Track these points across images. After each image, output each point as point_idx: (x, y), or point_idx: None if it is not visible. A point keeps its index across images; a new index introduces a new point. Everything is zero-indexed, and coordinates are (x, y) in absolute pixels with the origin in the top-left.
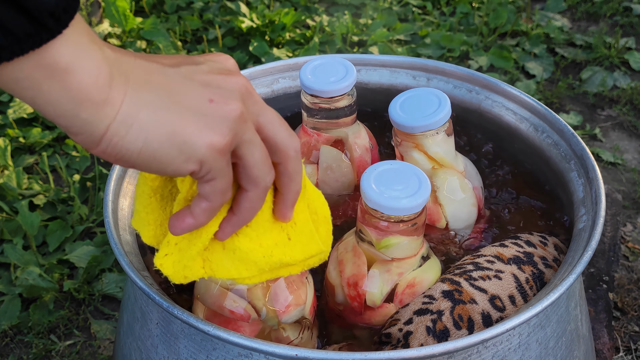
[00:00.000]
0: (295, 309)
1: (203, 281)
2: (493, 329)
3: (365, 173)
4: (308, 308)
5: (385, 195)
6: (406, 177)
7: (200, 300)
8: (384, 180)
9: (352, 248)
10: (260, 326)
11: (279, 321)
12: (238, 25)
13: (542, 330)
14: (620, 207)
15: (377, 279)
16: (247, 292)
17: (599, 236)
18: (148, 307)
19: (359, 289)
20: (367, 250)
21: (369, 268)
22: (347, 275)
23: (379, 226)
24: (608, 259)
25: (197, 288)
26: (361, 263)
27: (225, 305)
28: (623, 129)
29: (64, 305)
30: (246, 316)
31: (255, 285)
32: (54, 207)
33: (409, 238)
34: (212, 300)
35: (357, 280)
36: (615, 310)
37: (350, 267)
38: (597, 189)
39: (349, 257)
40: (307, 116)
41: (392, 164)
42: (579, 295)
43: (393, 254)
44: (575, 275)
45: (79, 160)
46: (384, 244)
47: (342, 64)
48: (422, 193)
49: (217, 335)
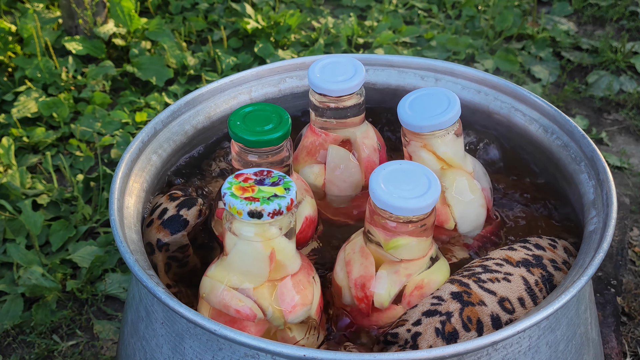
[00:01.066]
0: (302, 308)
1: (208, 280)
2: (503, 331)
3: (374, 173)
4: (315, 308)
5: (394, 195)
6: (415, 177)
7: (206, 299)
8: (393, 180)
9: (360, 249)
10: (267, 326)
11: (285, 321)
12: (243, 27)
13: (552, 333)
14: (627, 211)
15: (385, 280)
16: (253, 292)
17: (610, 238)
18: (153, 306)
19: (366, 290)
20: (375, 251)
21: (377, 269)
22: (355, 277)
23: (388, 227)
24: (616, 262)
25: (203, 287)
26: (369, 264)
27: (231, 304)
28: (630, 133)
29: (67, 305)
30: (252, 316)
31: (261, 284)
32: (58, 207)
33: (418, 239)
34: (218, 299)
35: (365, 282)
36: (622, 315)
37: (358, 268)
38: (608, 191)
39: (357, 258)
40: (315, 115)
41: (402, 164)
42: (588, 298)
43: (401, 255)
44: (587, 278)
45: (82, 160)
46: (393, 244)
47: (351, 63)
48: (432, 193)
49: (224, 335)
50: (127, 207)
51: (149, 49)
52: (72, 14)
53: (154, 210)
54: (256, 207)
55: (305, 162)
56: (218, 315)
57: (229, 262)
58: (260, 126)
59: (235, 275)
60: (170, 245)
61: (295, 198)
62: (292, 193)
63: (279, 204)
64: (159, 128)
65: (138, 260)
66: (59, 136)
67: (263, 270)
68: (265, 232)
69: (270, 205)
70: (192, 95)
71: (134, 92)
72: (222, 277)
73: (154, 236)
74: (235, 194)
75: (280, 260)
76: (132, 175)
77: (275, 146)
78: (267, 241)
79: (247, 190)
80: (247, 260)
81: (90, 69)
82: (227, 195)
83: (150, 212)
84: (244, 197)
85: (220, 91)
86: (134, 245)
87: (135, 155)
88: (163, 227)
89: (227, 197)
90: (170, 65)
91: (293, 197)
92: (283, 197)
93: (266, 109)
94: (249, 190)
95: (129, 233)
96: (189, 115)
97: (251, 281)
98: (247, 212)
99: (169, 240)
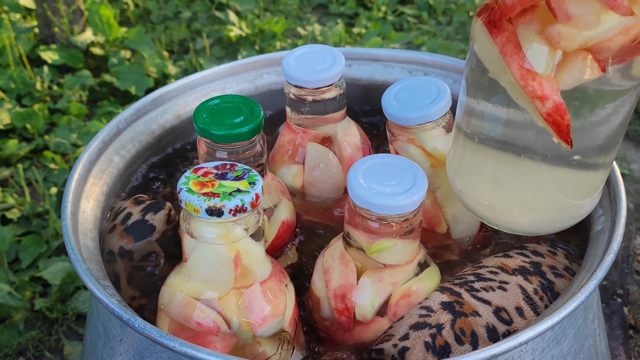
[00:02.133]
0: (273, 320)
1: (167, 289)
2: (503, 344)
3: (353, 167)
4: (288, 320)
5: (375, 192)
6: (399, 172)
7: (164, 311)
8: (374, 175)
9: (340, 255)
10: (234, 340)
11: (253, 334)
12: (227, 35)
13: (558, 345)
14: (631, 218)
15: (368, 290)
16: (217, 302)
17: (620, 238)
18: (110, 322)
19: (347, 301)
20: (357, 257)
21: (359, 277)
22: (334, 286)
23: (369, 228)
24: (622, 270)
25: (161, 297)
26: (349, 272)
27: (192, 316)
28: (629, 139)
29: (35, 325)
30: (215, 329)
31: (227, 293)
32: (29, 222)
33: (404, 241)
34: (177, 310)
35: (345, 292)
36: (629, 328)
37: (338, 277)
38: (615, 187)
39: (336, 265)
40: (292, 112)
41: (384, 158)
42: (596, 307)
43: (386, 259)
44: (596, 282)
45: (57, 173)
46: (376, 247)
47: (329, 52)
48: (418, 189)
49: (184, 352)
50: (84, 211)
51: (129, 58)
52: (48, 22)
53: (117, 214)
54: (215, 203)
55: (282, 163)
56: (180, 329)
57: (189, 268)
58: (229, 119)
59: (197, 283)
60: (134, 253)
61: (262, 193)
62: (258, 188)
63: (242, 199)
64: (122, 127)
65: (91, 269)
66: (32, 148)
67: (227, 277)
68: (229, 233)
69: (232, 202)
70: (159, 92)
71: (113, 102)
72: (182, 285)
73: (116, 243)
74: (193, 189)
75: (247, 265)
76: (90, 177)
77: (247, 141)
78: (231, 244)
79: (206, 185)
80: (208, 265)
81: (67, 79)
82: (182, 191)
83: (113, 217)
84: (202, 193)
85: (191, 88)
86: (89, 254)
87: (94, 155)
88: (127, 233)
89: (182, 193)
90: (151, 75)
91: (259, 192)
92: (247, 192)
93: (235, 100)
94: (208, 185)
95: (84, 240)
96: (156, 114)
97: (215, 289)
98: (205, 210)
99: (132, 248)
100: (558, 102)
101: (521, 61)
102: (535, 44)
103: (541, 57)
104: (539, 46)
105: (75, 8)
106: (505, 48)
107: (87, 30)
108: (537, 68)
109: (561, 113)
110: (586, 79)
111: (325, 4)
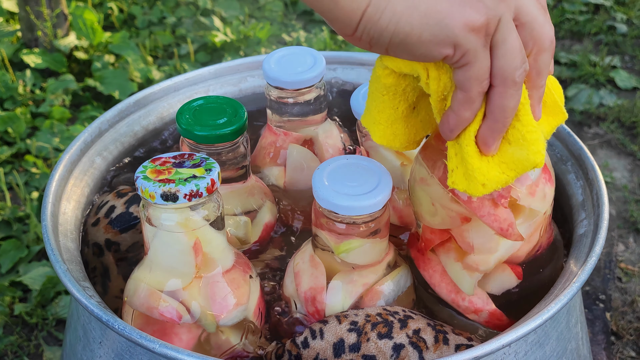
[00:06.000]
0: (235, 309)
1: (132, 282)
2: (486, 345)
3: (318, 169)
4: (252, 310)
5: (338, 194)
6: (364, 173)
7: (128, 302)
8: (339, 176)
9: (310, 258)
10: (199, 331)
11: (217, 323)
12: (212, 40)
13: (541, 348)
14: (614, 224)
15: (339, 291)
16: (181, 292)
17: (603, 241)
18: (90, 324)
19: (317, 304)
20: (326, 259)
21: (330, 279)
22: (304, 289)
23: (336, 229)
24: (604, 276)
25: (126, 290)
26: (319, 274)
27: (154, 305)
28: (611, 147)
29: (14, 331)
30: (177, 317)
31: (189, 283)
32: (9, 226)
33: (372, 241)
34: (140, 301)
35: (315, 294)
36: (610, 334)
37: (308, 279)
38: (598, 190)
39: (306, 268)
40: (273, 114)
41: (349, 159)
42: (579, 311)
43: (354, 259)
44: (579, 284)
45: (38, 178)
46: (344, 247)
47: (309, 54)
48: (382, 189)
49: (164, 354)
50: (64, 212)
51: (113, 63)
52: (32, 26)
53: (100, 208)
54: (170, 188)
55: (264, 165)
56: (145, 322)
57: (150, 259)
58: (212, 120)
59: (159, 273)
60: (120, 244)
61: (218, 180)
62: (214, 174)
63: (196, 184)
64: (105, 128)
65: (71, 270)
66: (14, 152)
67: (188, 265)
68: (188, 220)
69: (187, 187)
70: (142, 94)
71: (96, 106)
72: (144, 276)
73: (101, 236)
74: (149, 177)
75: (208, 253)
76: (71, 178)
77: (230, 142)
78: (190, 232)
79: (162, 173)
80: (168, 253)
81: (50, 83)
82: (139, 179)
83: (96, 210)
84: (157, 180)
85: (174, 90)
86: (69, 255)
87: (76, 156)
88: (111, 226)
89: (139, 181)
90: (134, 79)
91: (214, 177)
92: (202, 178)
93: (219, 101)
94: (164, 172)
95: (64, 241)
96: (138, 116)
97: (177, 278)
98: (160, 195)
99: (118, 239)
100: (492, 310)
101: (449, 287)
102: (457, 269)
103: (465, 281)
104: (461, 272)
105: (59, 12)
106: (433, 279)
107: (71, 34)
108: (464, 290)
109: (497, 316)
110: (509, 286)
111: (311, 11)
